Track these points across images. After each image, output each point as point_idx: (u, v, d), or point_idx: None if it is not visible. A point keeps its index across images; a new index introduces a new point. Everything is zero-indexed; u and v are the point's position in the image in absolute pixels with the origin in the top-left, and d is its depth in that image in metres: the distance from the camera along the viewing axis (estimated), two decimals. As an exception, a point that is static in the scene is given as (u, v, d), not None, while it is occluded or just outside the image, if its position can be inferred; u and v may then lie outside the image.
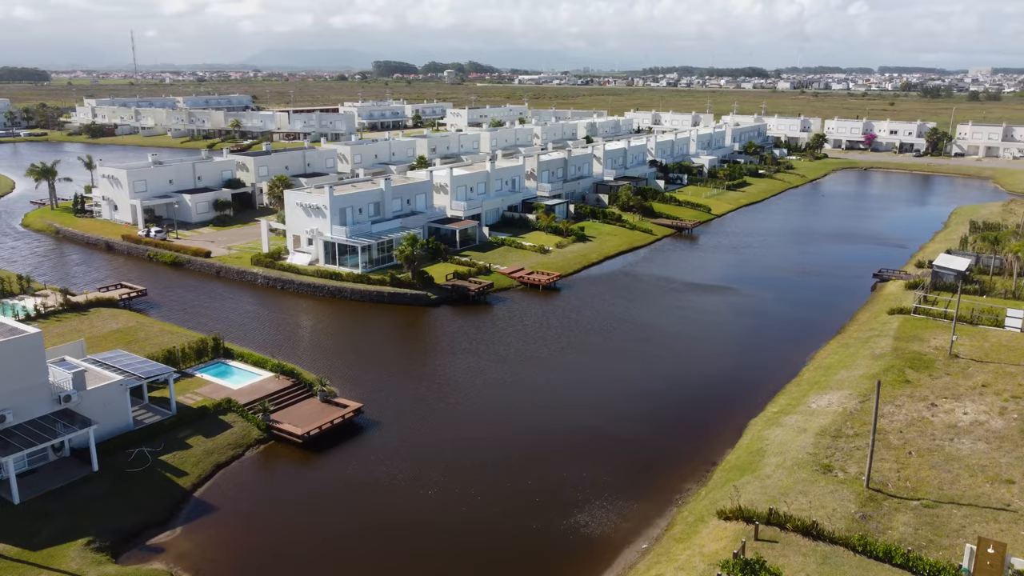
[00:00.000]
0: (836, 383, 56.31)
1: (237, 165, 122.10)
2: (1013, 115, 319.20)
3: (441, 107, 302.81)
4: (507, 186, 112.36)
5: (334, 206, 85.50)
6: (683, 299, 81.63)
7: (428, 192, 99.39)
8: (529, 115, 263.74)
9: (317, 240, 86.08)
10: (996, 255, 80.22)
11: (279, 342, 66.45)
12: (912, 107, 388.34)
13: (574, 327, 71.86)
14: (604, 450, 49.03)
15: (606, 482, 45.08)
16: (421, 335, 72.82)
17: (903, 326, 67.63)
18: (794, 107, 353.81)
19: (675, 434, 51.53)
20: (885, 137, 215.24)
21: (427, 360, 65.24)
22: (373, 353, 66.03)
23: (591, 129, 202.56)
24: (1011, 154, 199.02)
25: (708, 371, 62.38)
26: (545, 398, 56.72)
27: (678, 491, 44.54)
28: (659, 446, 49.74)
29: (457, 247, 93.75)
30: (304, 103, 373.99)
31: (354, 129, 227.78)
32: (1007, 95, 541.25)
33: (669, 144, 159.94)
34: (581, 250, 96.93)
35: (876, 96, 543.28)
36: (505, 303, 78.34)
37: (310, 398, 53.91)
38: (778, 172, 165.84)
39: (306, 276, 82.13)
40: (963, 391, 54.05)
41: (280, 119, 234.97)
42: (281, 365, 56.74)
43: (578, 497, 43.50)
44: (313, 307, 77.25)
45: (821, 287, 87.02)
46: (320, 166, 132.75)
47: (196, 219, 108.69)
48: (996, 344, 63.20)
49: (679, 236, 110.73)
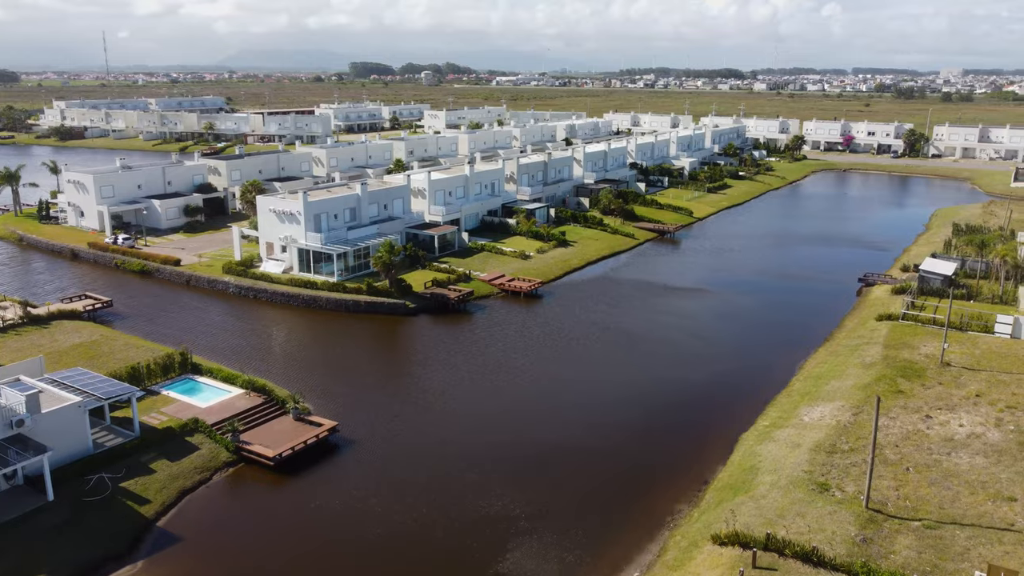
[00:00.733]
0: (827, 394, 54.75)
1: (209, 169, 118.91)
2: (985, 116, 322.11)
3: (419, 109, 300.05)
4: (486, 190, 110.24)
5: (308, 212, 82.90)
6: (667, 305, 79.94)
7: (406, 197, 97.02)
8: (507, 117, 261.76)
9: (291, 247, 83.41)
10: (983, 259, 79.26)
11: (251, 355, 63.80)
12: (887, 108, 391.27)
13: (556, 336, 69.86)
14: (590, 467, 47.02)
15: (593, 503, 43.05)
16: (399, 346, 70.48)
17: (892, 333, 66.33)
18: (771, 108, 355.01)
19: (664, 449, 49.64)
20: (863, 138, 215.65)
21: (405, 373, 62.93)
22: (349, 366, 63.57)
23: (570, 131, 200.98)
24: (987, 155, 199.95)
25: (696, 381, 60.62)
26: (527, 412, 54.64)
27: (669, 512, 42.60)
28: (648, 462, 47.80)
29: (436, 253, 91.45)
30: (280, 105, 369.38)
31: (330, 131, 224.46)
32: (979, 96, 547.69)
33: (649, 146, 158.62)
34: (562, 255, 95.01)
35: (851, 97, 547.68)
36: (486, 311, 76.18)
37: (283, 416, 51.43)
38: (758, 174, 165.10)
39: (280, 285, 79.44)
40: (957, 401, 52.68)
41: (254, 121, 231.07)
42: (252, 381, 54.17)
43: (563, 520, 41.42)
44: (287, 317, 74.63)
45: (806, 292, 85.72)
46: (295, 170, 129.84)
47: (166, 225, 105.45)
48: (987, 351, 62.02)
49: (661, 240, 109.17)
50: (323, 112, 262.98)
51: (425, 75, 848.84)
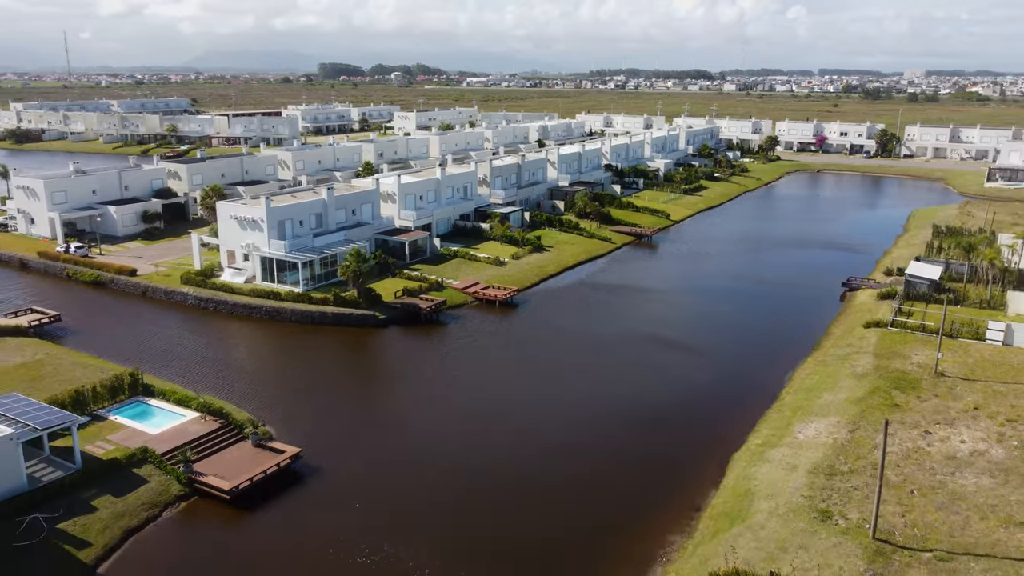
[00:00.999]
0: (821, 409, 52.07)
1: (168, 173, 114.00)
2: (952, 116, 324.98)
3: (388, 110, 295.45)
4: (459, 194, 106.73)
5: (271, 218, 78.82)
6: (647, 314, 77.08)
7: (375, 201, 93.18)
8: (479, 118, 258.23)
9: (253, 256, 79.27)
10: (970, 262, 77.42)
11: (208, 373, 59.71)
12: (855, 108, 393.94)
13: (532, 348, 66.62)
14: (572, 493, 43.78)
15: (578, 534, 39.81)
16: (368, 361, 66.75)
17: (882, 341, 63.99)
18: (741, 109, 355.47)
19: (650, 472, 46.50)
20: (835, 139, 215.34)
21: (374, 391, 59.26)
22: (314, 383, 59.70)
23: (543, 132, 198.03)
24: (958, 155, 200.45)
25: (680, 395, 57.67)
26: (503, 432, 51.25)
27: (661, 545, 39.42)
28: (634, 488, 44.64)
29: (407, 260, 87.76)
30: (247, 106, 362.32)
31: (297, 133, 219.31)
32: (943, 96, 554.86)
33: (624, 148, 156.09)
34: (538, 261, 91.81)
35: (819, 98, 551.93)
36: (459, 322, 72.71)
37: (241, 442, 47.55)
38: (733, 175, 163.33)
39: (241, 296, 75.27)
40: (955, 415, 50.28)
41: (219, 123, 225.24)
42: (208, 404, 50.16)
43: (545, 559, 38.14)
44: (248, 331, 70.52)
45: (789, 297, 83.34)
46: (259, 173, 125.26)
47: (122, 232, 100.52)
48: (980, 359, 59.85)
49: (639, 244, 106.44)
50: (290, 114, 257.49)
51: (395, 76, 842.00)
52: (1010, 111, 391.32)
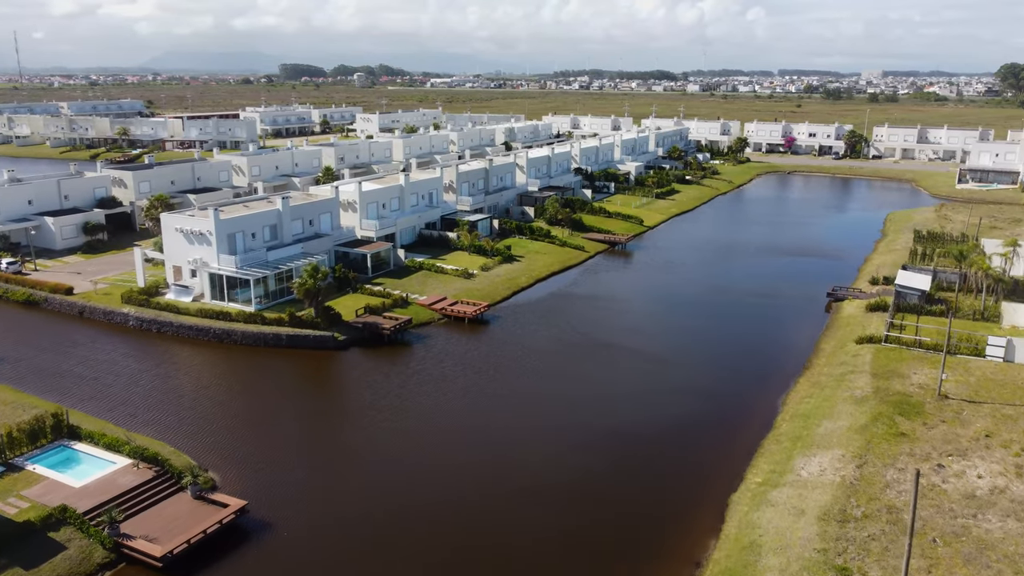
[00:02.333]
0: (822, 439, 47.86)
1: (113, 181, 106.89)
2: (913, 116, 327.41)
3: (351, 112, 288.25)
4: (424, 201, 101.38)
5: (220, 231, 72.83)
6: (625, 330, 72.53)
7: (334, 211, 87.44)
8: (444, 120, 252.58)
9: (201, 272, 73.21)
10: (962, 270, 74.13)
11: (146, 408, 53.75)
12: (818, 109, 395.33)
13: (505, 372, 61.63)
14: (552, 546, 38.88)
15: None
16: (326, 390, 61.21)
17: (877, 359, 60.16)
18: (706, 110, 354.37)
19: (640, 519, 41.70)
20: (804, 140, 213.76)
21: (333, 425, 53.77)
22: (266, 417, 54.00)
23: (509, 134, 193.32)
24: (926, 156, 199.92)
25: (668, 424, 53.11)
26: (473, 478, 46.07)
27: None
28: (623, 538, 39.82)
29: (369, 274, 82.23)
30: (205, 108, 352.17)
31: (256, 136, 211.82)
32: (903, 96, 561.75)
33: (594, 150, 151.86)
34: (509, 273, 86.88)
35: (782, 98, 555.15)
36: (426, 342, 67.48)
37: (179, 493, 41.87)
38: (704, 178, 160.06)
39: (188, 316, 69.22)
40: (966, 444, 46.40)
41: (173, 126, 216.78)
42: (141, 449, 44.29)
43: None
44: (194, 356, 64.49)
45: (772, 310, 79.39)
46: (212, 180, 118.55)
47: (61, 246, 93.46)
48: (982, 378, 56.26)
49: (612, 252, 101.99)
50: (249, 116, 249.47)
51: (358, 77, 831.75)
52: (969, 111, 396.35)
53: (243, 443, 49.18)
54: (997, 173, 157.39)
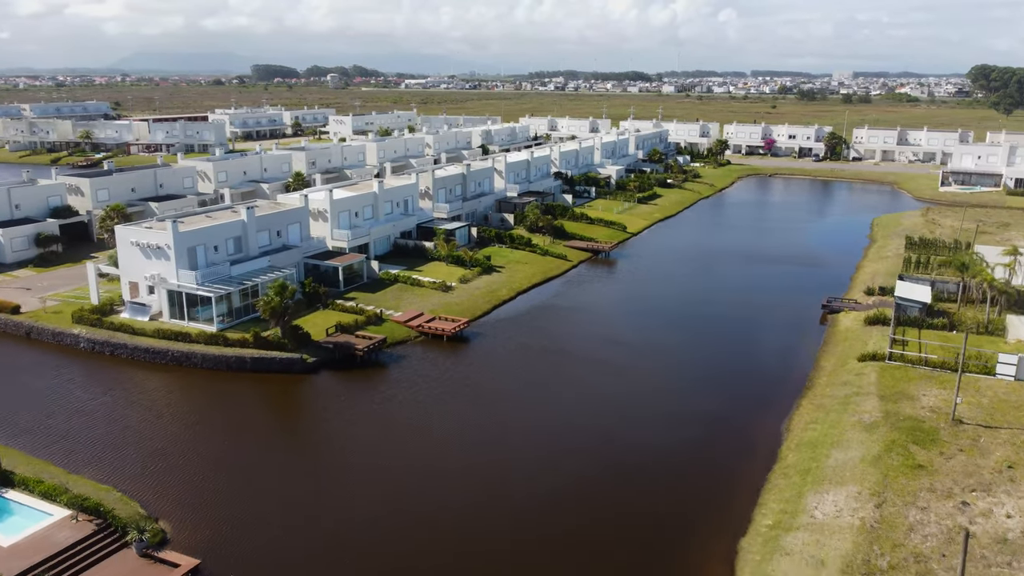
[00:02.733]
0: (834, 473, 44.11)
1: (69, 188, 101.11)
2: (887, 116, 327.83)
3: (323, 113, 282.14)
4: (399, 208, 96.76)
5: (180, 244, 67.80)
6: (613, 347, 68.52)
7: (304, 220, 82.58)
8: (419, 122, 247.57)
9: (159, 288, 68.15)
10: (964, 280, 70.98)
11: (91, 443, 48.78)
12: (792, 110, 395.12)
13: (486, 397, 57.34)
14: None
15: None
16: (293, 419, 56.50)
17: (882, 378, 56.67)
18: (682, 111, 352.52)
19: (638, 570, 37.67)
20: (784, 142, 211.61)
21: (301, 460, 49.12)
22: (226, 453, 49.23)
23: (486, 137, 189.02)
24: (906, 158, 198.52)
25: (663, 455, 49.11)
26: (452, 522, 41.80)
27: None
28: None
29: (341, 288, 77.53)
30: (174, 110, 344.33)
31: (225, 139, 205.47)
32: (875, 97, 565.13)
33: (573, 154, 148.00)
34: (489, 284, 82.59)
35: (756, 99, 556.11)
36: (401, 363, 62.99)
37: (124, 550, 37.13)
38: (686, 181, 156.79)
39: (143, 337, 64.11)
40: (989, 477, 42.89)
41: (139, 129, 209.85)
42: (82, 499, 39.43)
43: None
44: (149, 382, 59.47)
45: (766, 323, 75.80)
46: (176, 187, 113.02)
47: (11, 259, 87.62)
48: (995, 400, 52.94)
49: (596, 261, 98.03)
50: (218, 118, 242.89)
51: (331, 78, 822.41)
52: (942, 112, 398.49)
53: (200, 485, 44.41)
54: (980, 175, 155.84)
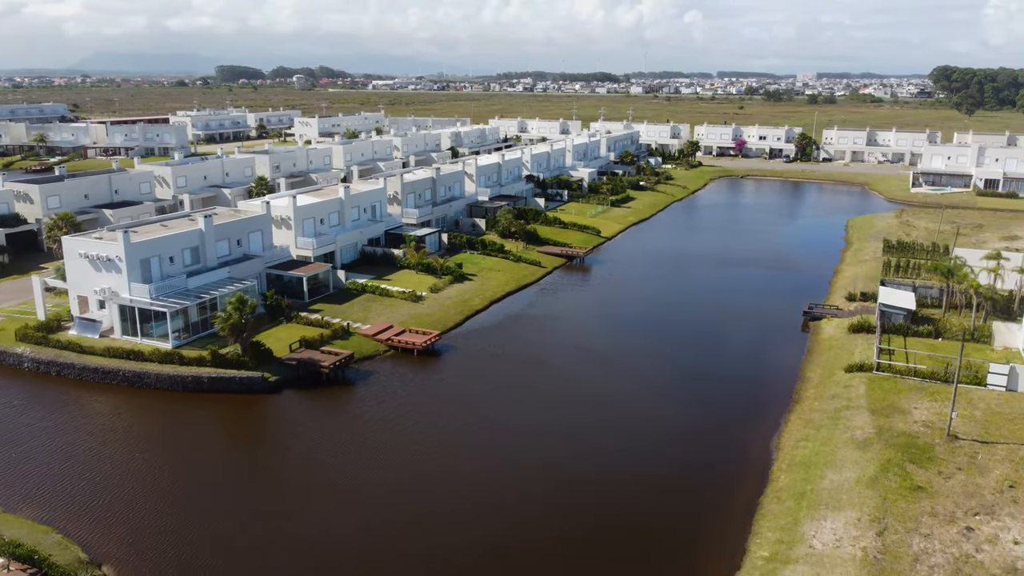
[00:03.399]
0: (830, 497, 41.73)
1: (16, 195, 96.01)
2: (853, 117, 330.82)
3: (289, 115, 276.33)
4: (366, 214, 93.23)
5: (132, 256, 63.75)
6: (590, 357, 65.81)
7: (266, 228, 78.80)
8: (387, 124, 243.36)
9: (111, 303, 64.07)
10: (949, 286, 69.38)
11: (32, 479, 44.86)
12: (760, 111, 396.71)
13: (460, 418, 54.24)
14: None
15: None
16: (253, 444, 52.90)
17: (872, 390, 54.63)
18: (651, 112, 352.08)
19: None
20: (754, 143, 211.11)
21: (260, 490, 45.58)
22: (178, 484, 45.55)
23: (456, 139, 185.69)
24: (875, 158, 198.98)
25: (648, 475, 46.45)
26: (421, 549, 38.80)
27: None
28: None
29: (305, 299, 73.93)
30: (135, 112, 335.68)
31: (186, 142, 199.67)
32: (840, 98, 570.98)
33: (545, 156, 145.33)
34: (461, 294, 79.52)
35: (724, 100, 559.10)
36: (370, 380, 59.69)
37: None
38: (659, 184, 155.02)
39: (93, 357, 60.05)
40: (991, 498, 40.82)
41: (96, 132, 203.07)
42: (14, 545, 35.68)
43: None
44: (98, 405, 55.49)
45: (746, 330, 73.68)
46: (132, 193, 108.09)
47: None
48: (988, 412, 51.09)
49: (570, 267, 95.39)
50: (179, 121, 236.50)
51: (297, 79, 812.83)
52: (906, 112, 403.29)
53: (150, 523, 40.76)
54: (950, 176, 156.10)
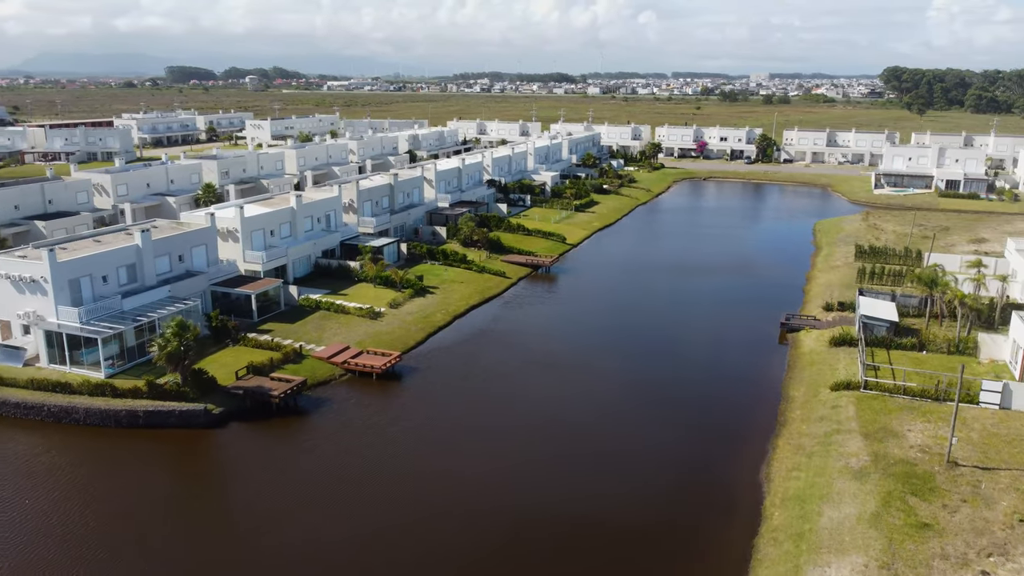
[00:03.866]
0: (830, 538, 38.24)
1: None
2: (808, 117, 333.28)
3: (240, 118, 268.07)
4: (320, 224, 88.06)
5: (58, 276, 58.02)
6: (559, 379, 61.80)
7: (211, 242, 73.29)
8: (342, 126, 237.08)
9: (36, 329, 58.23)
10: (933, 296, 66.85)
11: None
12: (717, 111, 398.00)
13: (422, 453, 49.72)
14: None
15: None
16: (192, 487, 47.64)
17: (861, 411, 51.56)
18: (610, 112, 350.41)
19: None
20: (716, 144, 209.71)
21: (201, 544, 40.60)
22: (104, 540, 40.33)
23: (413, 142, 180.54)
24: (836, 159, 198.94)
25: (628, 517, 42.49)
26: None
27: None
28: None
29: (254, 319, 68.71)
30: (80, 114, 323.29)
31: (131, 147, 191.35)
32: (793, 98, 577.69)
33: (506, 160, 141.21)
34: (422, 308, 74.99)
35: (681, 100, 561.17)
36: (324, 409, 54.88)
37: None
38: (622, 187, 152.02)
39: (14, 389, 54.25)
40: (1002, 534, 37.75)
41: (34, 136, 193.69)
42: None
43: None
44: (16, 445, 49.77)
45: (722, 343, 70.40)
46: (69, 203, 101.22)
47: None
48: (984, 433, 48.30)
49: (536, 277, 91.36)
50: (124, 123, 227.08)
51: (250, 80, 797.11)
52: (859, 112, 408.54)
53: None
54: (912, 177, 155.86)
